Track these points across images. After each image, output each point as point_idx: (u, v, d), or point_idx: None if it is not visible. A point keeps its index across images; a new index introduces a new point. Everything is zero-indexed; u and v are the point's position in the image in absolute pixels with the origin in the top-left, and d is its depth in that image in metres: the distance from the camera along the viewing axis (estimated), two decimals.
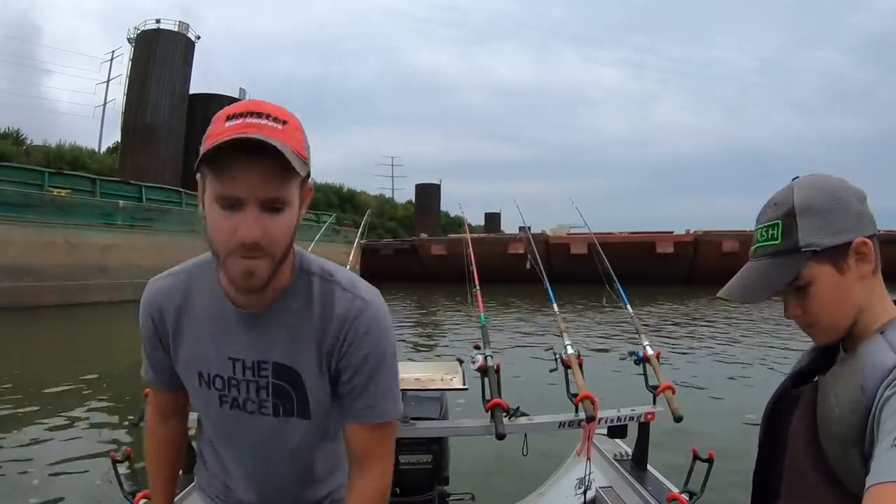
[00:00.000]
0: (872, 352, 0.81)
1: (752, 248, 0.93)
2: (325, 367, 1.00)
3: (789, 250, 0.86)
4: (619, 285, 2.65)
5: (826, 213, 0.85)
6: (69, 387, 6.73)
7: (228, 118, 0.86)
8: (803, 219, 0.85)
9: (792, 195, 0.87)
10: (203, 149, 0.84)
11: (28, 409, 5.74)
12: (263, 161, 0.82)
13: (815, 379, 0.90)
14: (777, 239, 0.88)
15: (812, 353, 0.99)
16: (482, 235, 36.66)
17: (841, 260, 0.85)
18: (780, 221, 0.87)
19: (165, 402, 1.17)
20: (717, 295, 0.94)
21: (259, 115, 0.86)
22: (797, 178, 0.90)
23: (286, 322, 0.98)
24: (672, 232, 30.21)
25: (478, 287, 2.60)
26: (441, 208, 54.09)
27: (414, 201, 56.36)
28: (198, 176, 0.89)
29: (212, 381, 1.01)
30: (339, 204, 48.66)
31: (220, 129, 0.85)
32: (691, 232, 29.67)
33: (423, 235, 36.36)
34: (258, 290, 0.91)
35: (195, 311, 1.01)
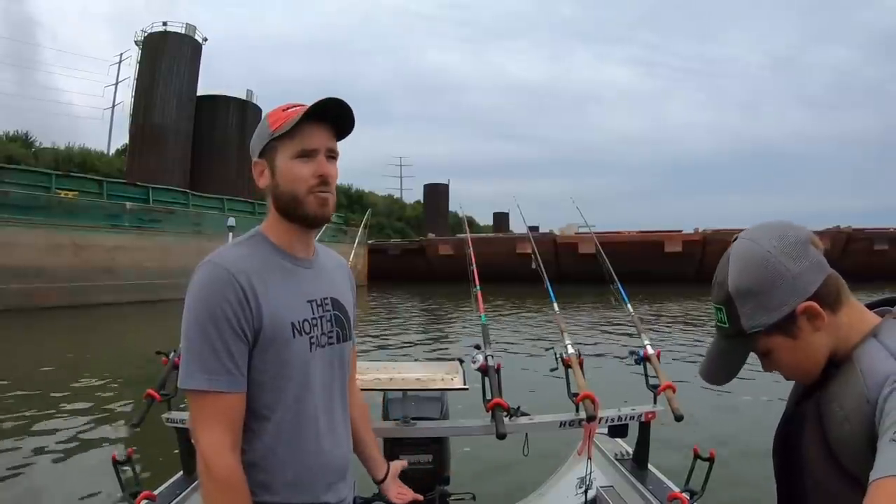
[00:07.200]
0: (870, 362, 0.81)
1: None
2: (354, 298, 1.37)
3: (737, 334, 0.90)
4: (619, 285, 2.64)
5: (761, 294, 0.86)
6: (73, 386, 6.81)
7: (284, 110, 1.16)
8: (741, 304, 0.87)
9: (727, 274, 0.89)
10: (272, 130, 1.14)
11: (31, 408, 5.80)
12: (327, 124, 1.18)
13: (814, 394, 0.91)
14: (725, 323, 0.91)
15: None
16: (490, 235, 36.64)
17: (790, 327, 0.86)
18: (722, 307, 0.90)
19: (238, 408, 1.10)
20: (699, 374, 0.99)
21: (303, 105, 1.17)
22: (738, 237, 0.92)
23: (326, 268, 1.29)
24: (681, 231, 30.08)
25: (478, 287, 2.59)
26: (449, 208, 54.05)
27: (422, 201, 56.36)
28: (256, 159, 1.19)
29: (302, 326, 1.17)
30: (348, 204, 48.74)
31: (283, 115, 1.15)
32: (700, 231, 29.55)
33: (431, 235, 36.32)
34: (329, 217, 1.21)
35: (262, 273, 1.14)
